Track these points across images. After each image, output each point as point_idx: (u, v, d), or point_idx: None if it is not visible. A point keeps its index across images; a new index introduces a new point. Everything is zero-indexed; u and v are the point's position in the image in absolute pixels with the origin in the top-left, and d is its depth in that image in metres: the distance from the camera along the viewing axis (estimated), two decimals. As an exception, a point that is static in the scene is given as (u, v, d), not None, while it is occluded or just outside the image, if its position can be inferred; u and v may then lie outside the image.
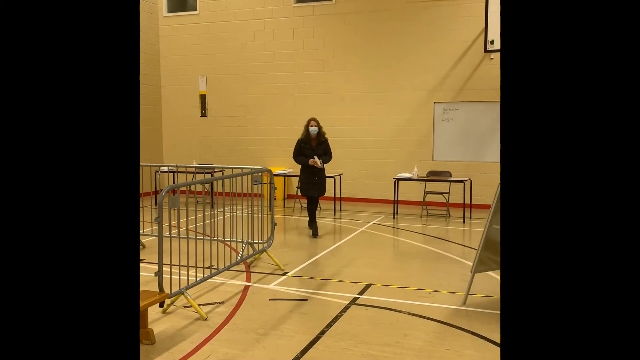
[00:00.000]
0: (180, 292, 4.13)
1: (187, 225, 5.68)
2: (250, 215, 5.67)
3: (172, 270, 4.28)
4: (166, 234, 6.97)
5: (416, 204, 9.83)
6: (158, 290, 3.88)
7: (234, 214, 5.42)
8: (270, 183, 5.66)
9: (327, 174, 7.50)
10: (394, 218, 8.82)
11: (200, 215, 8.37)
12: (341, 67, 10.64)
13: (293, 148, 7.19)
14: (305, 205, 8.26)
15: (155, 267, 5.61)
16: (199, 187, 10.29)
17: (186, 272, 4.58)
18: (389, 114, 10.34)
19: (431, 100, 10.06)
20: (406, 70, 10.17)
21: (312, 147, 7.16)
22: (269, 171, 5.69)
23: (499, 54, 9.31)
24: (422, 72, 10.06)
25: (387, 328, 3.95)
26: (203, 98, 11.83)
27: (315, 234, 7.27)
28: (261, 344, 3.65)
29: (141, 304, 3.58)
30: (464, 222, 8.52)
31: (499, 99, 9.49)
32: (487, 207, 9.58)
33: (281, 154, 11.05)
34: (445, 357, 3.44)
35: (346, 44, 10.56)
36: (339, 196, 9.63)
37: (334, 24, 10.63)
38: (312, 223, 7.39)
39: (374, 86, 10.41)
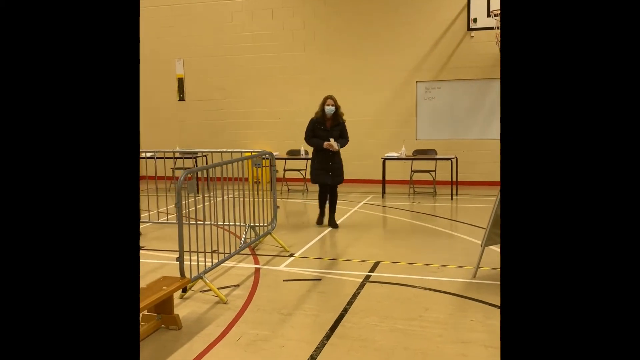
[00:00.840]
0: (200, 277, 4.11)
1: (183, 209, 5.62)
2: (252, 199, 5.65)
3: (185, 255, 4.24)
4: (164, 219, 6.90)
5: (402, 183, 9.95)
6: (179, 276, 3.86)
7: (236, 198, 5.39)
8: (271, 166, 5.65)
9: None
10: (382, 197, 8.93)
11: (195, 199, 8.28)
12: (322, 48, 10.58)
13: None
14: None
15: (157, 253, 5.59)
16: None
17: (202, 257, 4.54)
18: (371, 94, 10.37)
19: (413, 79, 10.15)
20: (388, 49, 10.20)
21: (327, 129, 6.56)
22: (271, 154, 5.69)
23: (479, 32, 9.45)
24: (404, 51, 10.11)
25: (406, 303, 4.04)
26: (180, 81, 11.61)
27: (320, 222, 6.81)
28: (288, 323, 3.69)
29: (167, 289, 3.56)
30: (451, 198, 8.70)
31: (480, 76, 9.68)
32: (473, 184, 9.83)
33: (263, 137, 10.98)
34: (471, 327, 3.56)
35: (327, 24, 10.50)
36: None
37: (313, 4, 10.53)
38: (321, 215, 6.80)
39: (355, 66, 10.41)
